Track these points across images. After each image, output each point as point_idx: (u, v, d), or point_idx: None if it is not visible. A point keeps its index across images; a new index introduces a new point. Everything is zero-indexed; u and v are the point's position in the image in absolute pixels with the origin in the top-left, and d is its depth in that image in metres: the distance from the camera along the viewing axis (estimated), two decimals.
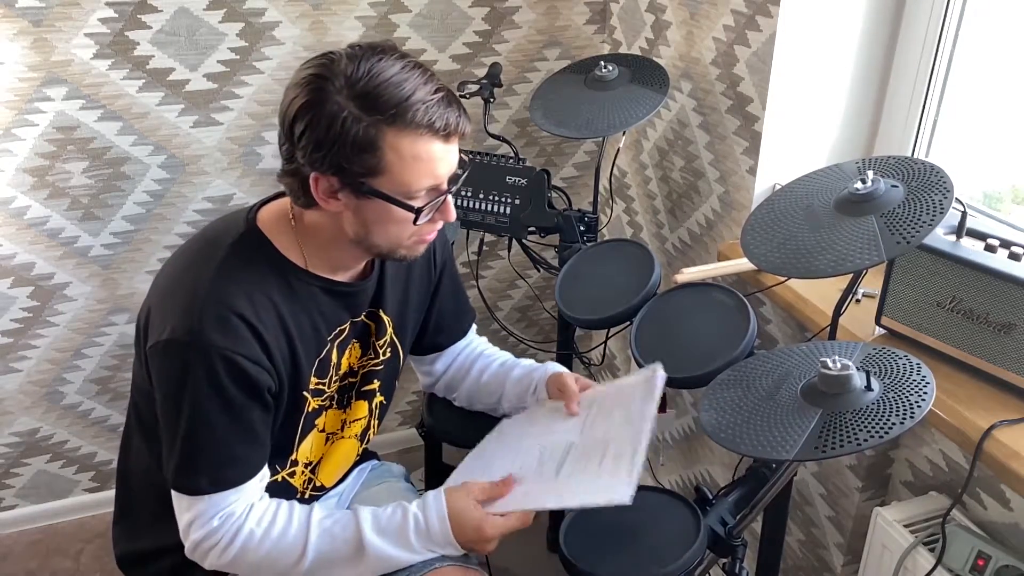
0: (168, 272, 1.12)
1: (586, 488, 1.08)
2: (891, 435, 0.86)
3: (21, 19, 1.66)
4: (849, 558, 1.50)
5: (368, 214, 1.05)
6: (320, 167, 1.01)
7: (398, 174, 1.01)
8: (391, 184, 1.02)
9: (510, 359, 1.41)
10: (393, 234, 1.08)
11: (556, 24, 2.01)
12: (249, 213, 1.13)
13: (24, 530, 2.11)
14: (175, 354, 1.03)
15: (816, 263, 1.00)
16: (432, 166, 1.03)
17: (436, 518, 1.10)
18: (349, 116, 0.98)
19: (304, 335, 1.12)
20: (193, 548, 1.09)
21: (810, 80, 1.47)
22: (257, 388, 1.06)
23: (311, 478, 1.24)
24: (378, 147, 0.99)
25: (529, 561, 1.99)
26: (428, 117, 1.00)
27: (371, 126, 0.98)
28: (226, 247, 1.08)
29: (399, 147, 1.00)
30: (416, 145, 1.00)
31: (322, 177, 1.02)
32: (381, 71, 0.99)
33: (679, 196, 1.83)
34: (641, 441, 1.08)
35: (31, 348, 1.95)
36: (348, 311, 1.19)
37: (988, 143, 1.44)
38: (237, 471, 1.08)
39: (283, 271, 1.10)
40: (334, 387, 1.21)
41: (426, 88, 1.01)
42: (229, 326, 1.03)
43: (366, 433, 1.31)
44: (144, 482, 1.20)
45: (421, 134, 1.00)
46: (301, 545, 1.09)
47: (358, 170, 1.00)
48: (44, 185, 1.81)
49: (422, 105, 0.99)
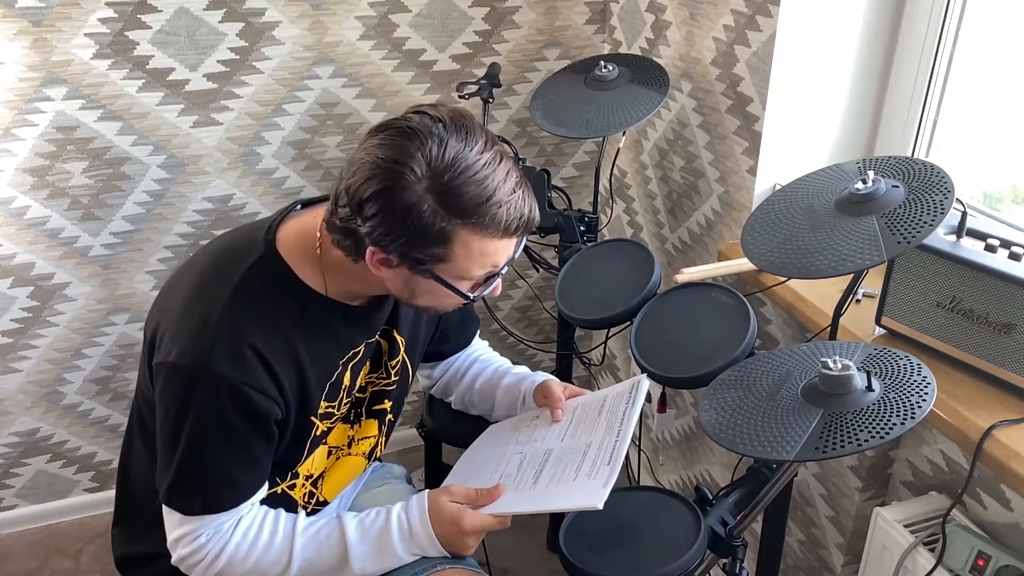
0: (182, 288, 1.09)
1: (560, 493, 1.09)
2: (892, 435, 0.86)
3: (21, 19, 1.66)
4: (849, 558, 1.50)
5: (418, 287, 1.04)
6: (383, 245, 0.98)
7: (461, 264, 1.00)
8: (451, 271, 1.01)
9: (503, 365, 1.40)
10: (437, 302, 1.08)
11: (556, 24, 2.01)
12: (268, 233, 1.09)
13: (24, 530, 2.11)
14: (181, 378, 1.01)
15: (816, 263, 1.00)
16: (496, 259, 1.03)
17: (417, 515, 1.11)
18: (428, 210, 0.95)
19: (316, 361, 1.10)
20: (179, 561, 1.09)
21: (810, 80, 1.47)
22: (262, 418, 1.05)
23: (312, 491, 1.23)
24: (450, 242, 0.98)
25: (529, 561, 1.99)
26: (506, 219, 0.98)
27: (447, 223, 0.96)
28: (242, 271, 1.05)
29: (469, 243, 0.98)
30: (486, 243, 0.99)
31: (380, 251, 0.99)
32: (464, 163, 0.95)
33: (679, 196, 1.83)
34: (619, 449, 1.09)
35: (31, 348, 1.95)
36: (362, 333, 1.16)
37: (988, 143, 1.44)
38: (233, 494, 1.07)
39: (300, 299, 1.07)
40: (344, 408, 1.20)
41: (507, 186, 0.98)
42: (239, 356, 1.01)
43: (374, 451, 1.30)
44: (144, 485, 1.20)
45: (492, 233, 0.99)
46: (287, 555, 1.09)
47: (422, 257, 0.99)
48: (44, 185, 1.81)
49: (501, 209, 0.97)
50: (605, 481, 1.04)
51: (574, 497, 1.06)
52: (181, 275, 1.12)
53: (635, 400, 1.16)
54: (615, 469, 1.06)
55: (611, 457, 1.09)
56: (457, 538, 1.10)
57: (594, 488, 1.04)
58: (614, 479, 1.04)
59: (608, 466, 1.07)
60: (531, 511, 1.12)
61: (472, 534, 1.10)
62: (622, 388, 1.21)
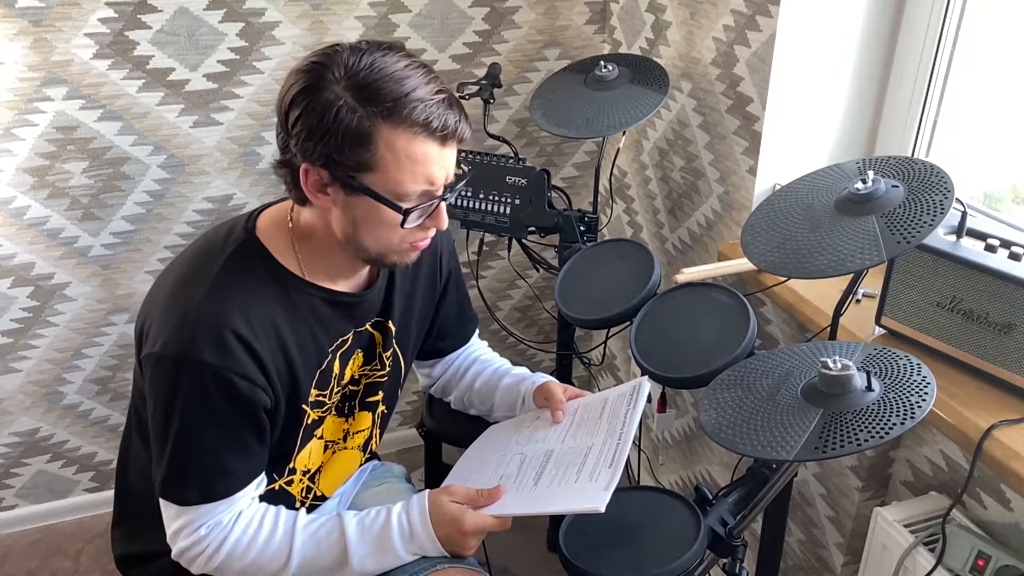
0: (166, 281, 1.10)
1: (562, 496, 1.08)
2: (892, 435, 0.86)
3: (21, 19, 1.66)
4: (849, 558, 1.50)
5: (357, 212, 1.02)
6: (311, 156, 0.98)
7: (390, 172, 0.98)
8: (382, 183, 0.99)
9: (503, 366, 1.40)
10: (382, 237, 1.05)
11: (556, 24, 2.01)
12: (248, 220, 1.10)
13: (24, 530, 2.11)
14: (166, 368, 1.02)
15: (816, 263, 1.00)
16: (426, 168, 1.00)
17: (418, 515, 1.11)
18: (344, 106, 0.95)
19: (303, 347, 1.10)
20: (179, 554, 1.09)
21: (810, 80, 1.47)
22: (250, 405, 1.05)
23: (310, 487, 1.23)
24: (372, 141, 0.97)
25: (529, 561, 1.99)
26: (426, 116, 0.97)
27: (366, 118, 0.96)
28: (223, 258, 1.06)
29: (393, 144, 0.97)
30: (412, 144, 0.98)
31: (312, 168, 0.99)
32: (383, 65, 0.97)
33: (679, 196, 1.83)
34: (621, 452, 1.09)
35: (31, 348, 1.95)
36: (351, 321, 1.17)
37: (988, 143, 1.44)
38: (227, 483, 1.07)
39: (281, 281, 1.08)
40: (336, 398, 1.20)
41: (427, 88, 0.98)
42: (222, 343, 1.01)
43: (368, 443, 1.30)
44: (143, 483, 1.20)
45: (417, 133, 0.97)
46: (286, 551, 1.09)
47: (349, 164, 0.98)
48: (44, 185, 1.81)
49: (420, 103, 0.97)
50: (607, 484, 1.04)
51: (576, 499, 1.06)
52: (166, 273, 1.12)
53: (636, 402, 1.16)
54: (617, 472, 1.06)
55: (612, 460, 1.08)
56: (458, 538, 1.10)
57: (595, 491, 1.04)
58: (616, 482, 1.04)
59: (610, 469, 1.07)
60: (532, 513, 1.11)
61: (473, 534, 1.10)
62: (623, 390, 1.21)
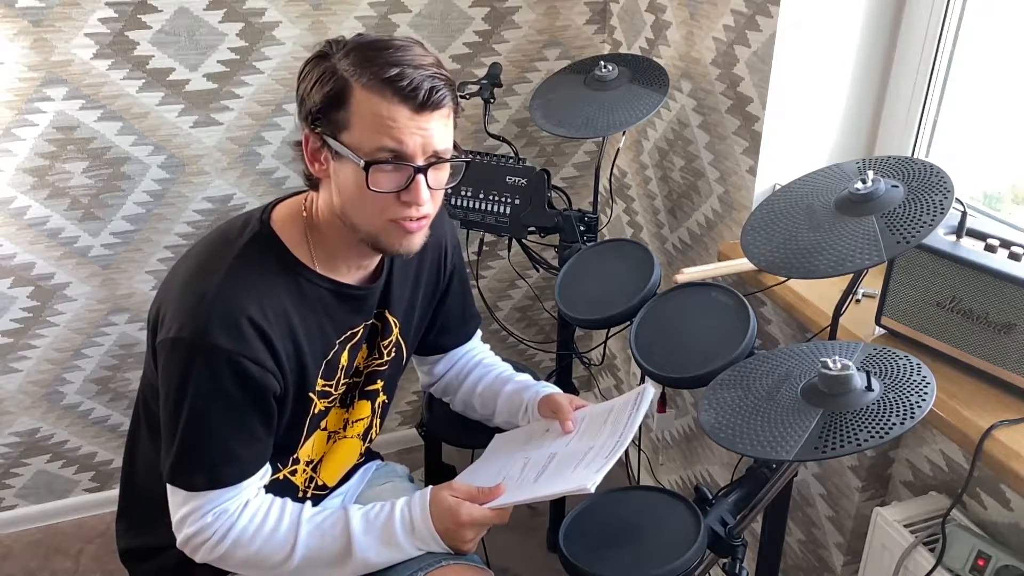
0: (181, 269, 1.12)
1: (555, 481, 1.10)
2: (891, 435, 0.86)
3: (21, 19, 1.66)
4: (849, 558, 1.50)
5: (340, 179, 1.04)
6: (308, 121, 1.03)
7: (357, 129, 1.00)
8: (353, 140, 1.01)
9: (506, 371, 1.40)
10: (359, 207, 1.04)
11: (556, 24, 2.01)
12: (264, 212, 1.12)
13: (24, 530, 2.11)
14: (180, 353, 1.03)
15: (816, 263, 1.00)
16: (393, 130, 0.99)
17: (419, 508, 1.12)
18: (332, 69, 1.00)
19: (312, 337, 1.11)
20: (185, 542, 1.09)
21: (810, 80, 1.47)
22: (261, 391, 1.06)
23: (313, 476, 1.24)
24: (347, 99, 1.00)
25: (529, 561, 1.99)
26: (398, 76, 0.98)
27: (345, 79, 0.99)
28: (239, 247, 1.08)
29: (365, 101, 0.99)
30: (380, 104, 0.99)
31: (310, 135, 1.04)
32: (385, 44, 1.01)
33: (679, 196, 1.83)
34: (618, 446, 1.10)
35: (31, 348, 1.95)
36: (359, 314, 1.18)
37: (988, 143, 1.44)
38: (235, 470, 1.08)
39: (293, 271, 1.10)
40: (341, 388, 1.21)
41: (415, 62, 1.00)
42: (236, 328, 1.02)
43: (368, 432, 1.31)
44: (149, 477, 1.20)
45: (385, 92, 0.98)
46: (291, 542, 1.09)
47: (331, 124, 1.01)
48: (44, 185, 1.81)
49: (397, 67, 0.98)
50: (598, 468, 1.05)
51: (567, 482, 1.07)
52: (181, 262, 1.14)
53: (639, 407, 1.18)
54: (611, 460, 1.07)
55: (610, 451, 1.10)
56: (455, 531, 1.11)
57: (587, 474, 1.05)
58: (608, 467, 1.05)
59: (604, 458, 1.08)
60: (526, 500, 1.13)
61: (469, 526, 1.11)
62: (628, 397, 1.23)
